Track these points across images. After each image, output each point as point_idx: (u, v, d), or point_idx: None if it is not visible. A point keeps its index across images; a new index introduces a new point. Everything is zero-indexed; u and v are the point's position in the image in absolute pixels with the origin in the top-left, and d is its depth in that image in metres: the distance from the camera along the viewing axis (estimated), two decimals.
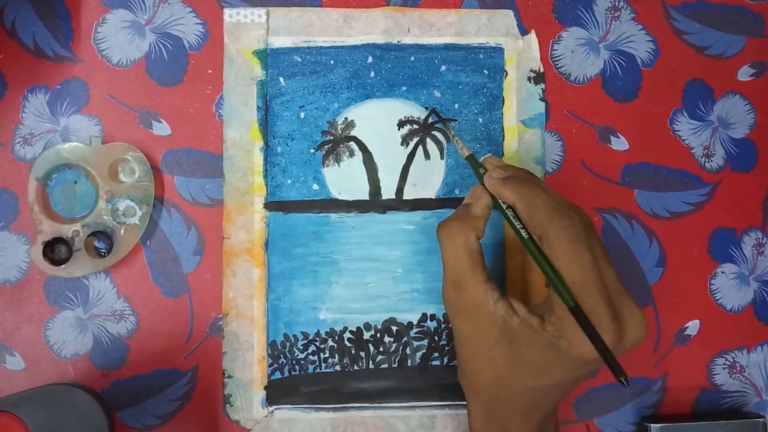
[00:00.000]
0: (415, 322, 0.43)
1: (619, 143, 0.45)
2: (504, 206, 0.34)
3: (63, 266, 0.40)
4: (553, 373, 0.33)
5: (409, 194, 0.43)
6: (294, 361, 0.42)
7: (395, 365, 0.43)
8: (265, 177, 0.43)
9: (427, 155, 0.44)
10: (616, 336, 0.31)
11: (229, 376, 0.42)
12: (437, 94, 0.44)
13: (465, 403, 0.42)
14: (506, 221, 0.35)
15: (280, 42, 0.43)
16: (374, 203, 0.43)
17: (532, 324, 0.32)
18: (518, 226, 0.34)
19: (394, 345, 0.43)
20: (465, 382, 0.37)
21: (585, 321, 0.30)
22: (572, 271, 0.31)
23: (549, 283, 0.32)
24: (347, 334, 0.43)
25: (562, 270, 0.31)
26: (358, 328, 0.43)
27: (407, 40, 0.44)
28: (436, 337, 0.43)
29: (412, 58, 0.44)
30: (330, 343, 0.43)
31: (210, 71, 0.43)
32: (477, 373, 0.35)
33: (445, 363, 0.43)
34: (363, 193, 0.43)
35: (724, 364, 0.45)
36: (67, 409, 0.36)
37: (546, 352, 0.32)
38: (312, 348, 0.42)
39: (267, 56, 0.43)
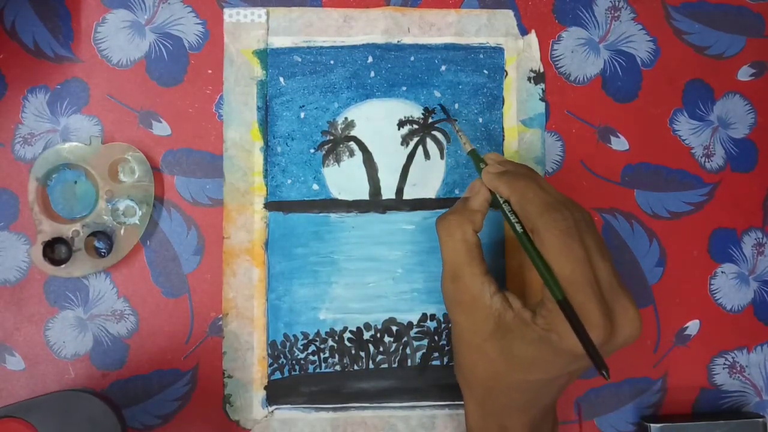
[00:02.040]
0: (415, 322, 0.43)
1: (619, 143, 0.45)
2: (501, 201, 0.35)
3: (63, 266, 0.40)
4: (545, 367, 0.33)
5: (409, 194, 0.43)
6: (294, 361, 0.42)
7: (395, 365, 0.43)
8: (265, 177, 0.43)
9: (427, 155, 0.44)
10: (606, 332, 0.31)
11: (229, 376, 0.42)
12: (437, 94, 0.44)
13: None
14: (503, 216, 0.35)
15: (280, 42, 0.43)
16: (374, 203, 0.43)
17: (524, 317, 0.33)
18: (513, 221, 0.34)
19: (394, 345, 0.43)
20: (461, 377, 0.37)
21: (571, 314, 0.30)
22: (562, 265, 0.31)
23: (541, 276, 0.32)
24: (347, 334, 0.43)
25: (552, 263, 0.31)
26: (358, 328, 0.43)
27: (407, 40, 0.44)
28: (436, 337, 0.43)
29: (412, 58, 0.44)
30: (330, 343, 0.43)
31: (210, 71, 0.43)
32: (472, 367, 0.35)
33: (445, 363, 0.43)
34: (363, 193, 0.43)
35: (724, 364, 0.45)
36: (79, 415, 0.36)
37: (538, 345, 0.32)
38: (312, 348, 0.42)
39: (267, 56, 0.43)
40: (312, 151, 0.43)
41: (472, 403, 0.36)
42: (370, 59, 0.44)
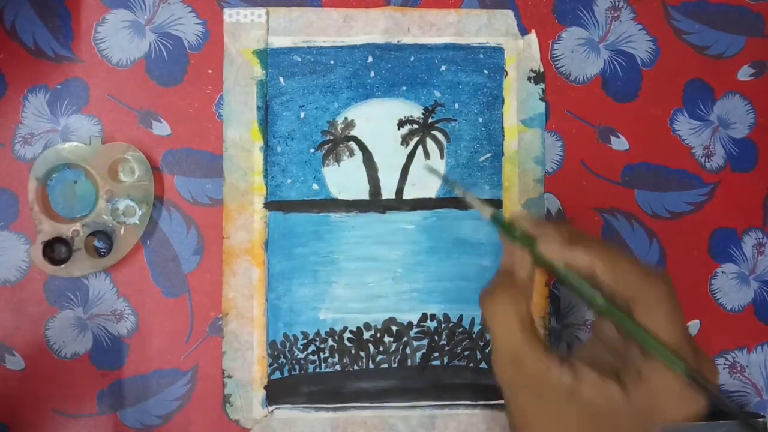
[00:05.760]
0: (415, 322, 0.43)
1: (619, 143, 0.45)
2: (562, 271, 0.31)
3: (63, 266, 0.40)
4: None
5: (409, 194, 0.43)
6: (294, 361, 0.42)
7: (395, 365, 0.43)
8: (265, 177, 0.43)
9: (427, 155, 0.44)
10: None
11: (229, 376, 0.42)
12: (437, 94, 0.44)
13: (464, 402, 0.42)
14: (563, 284, 0.31)
15: (280, 42, 0.43)
16: (374, 203, 0.43)
17: (611, 392, 0.29)
18: (594, 293, 0.30)
19: (394, 345, 0.43)
20: None
21: (704, 386, 0.28)
22: (674, 333, 0.28)
23: (648, 350, 0.29)
24: (347, 334, 0.43)
25: (663, 335, 0.28)
26: (358, 328, 0.43)
27: (407, 39, 0.44)
28: (436, 337, 0.43)
29: (412, 58, 0.44)
30: (330, 342, 0.43)
31: (210, 71, 0.43)
32: None
33: (445, 363, 0.43)
34: (363, 192, 0.43)
35: (725, 364, 0.45)
36: None
37: (632, 419, 0.29)
38: (312, 348, 0.42)
39: (267, 56, 0.43)
40: (312, 150, 0.43)
41: None
42: (370, 59, 0.44)
